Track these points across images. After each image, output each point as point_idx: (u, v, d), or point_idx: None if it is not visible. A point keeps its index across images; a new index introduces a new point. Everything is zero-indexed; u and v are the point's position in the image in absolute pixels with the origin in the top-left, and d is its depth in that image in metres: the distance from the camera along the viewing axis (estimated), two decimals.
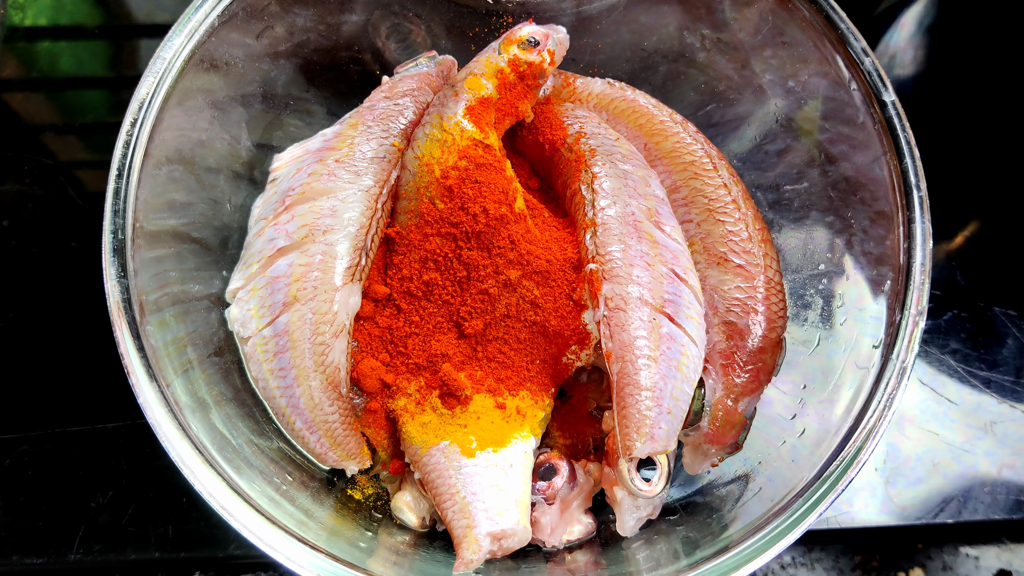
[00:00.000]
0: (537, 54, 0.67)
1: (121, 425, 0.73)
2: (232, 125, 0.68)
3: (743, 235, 0.66)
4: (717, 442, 0.64)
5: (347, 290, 0.62)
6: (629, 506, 0.61)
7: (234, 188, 0.68)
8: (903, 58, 0.90)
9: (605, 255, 0.63)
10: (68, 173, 0.84)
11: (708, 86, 0.74)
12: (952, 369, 0.78)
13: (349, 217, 0.62)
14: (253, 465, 0.57)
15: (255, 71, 0.68)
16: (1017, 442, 0.75)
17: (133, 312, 0.55)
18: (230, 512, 0.51)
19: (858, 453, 0.54)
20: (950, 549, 0.73)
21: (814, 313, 0.67)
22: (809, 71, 0.66)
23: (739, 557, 0.52)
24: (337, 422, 0.61)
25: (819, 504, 0.52)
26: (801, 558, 0.72)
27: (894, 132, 0.60)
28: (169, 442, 0.52)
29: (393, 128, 0.67)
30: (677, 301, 0.62)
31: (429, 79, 0.71)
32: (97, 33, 0.90)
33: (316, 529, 0.54)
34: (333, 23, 0.72)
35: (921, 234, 0.58)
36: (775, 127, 0.71)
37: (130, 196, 0.57)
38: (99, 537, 0.69)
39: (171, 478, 0.51)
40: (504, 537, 0.57)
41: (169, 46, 0.60)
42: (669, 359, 0.60)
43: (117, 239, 0.56)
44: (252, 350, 0.62)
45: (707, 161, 0.69)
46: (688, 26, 0.72)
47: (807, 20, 0.64)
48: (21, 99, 0.87)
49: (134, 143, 0.58)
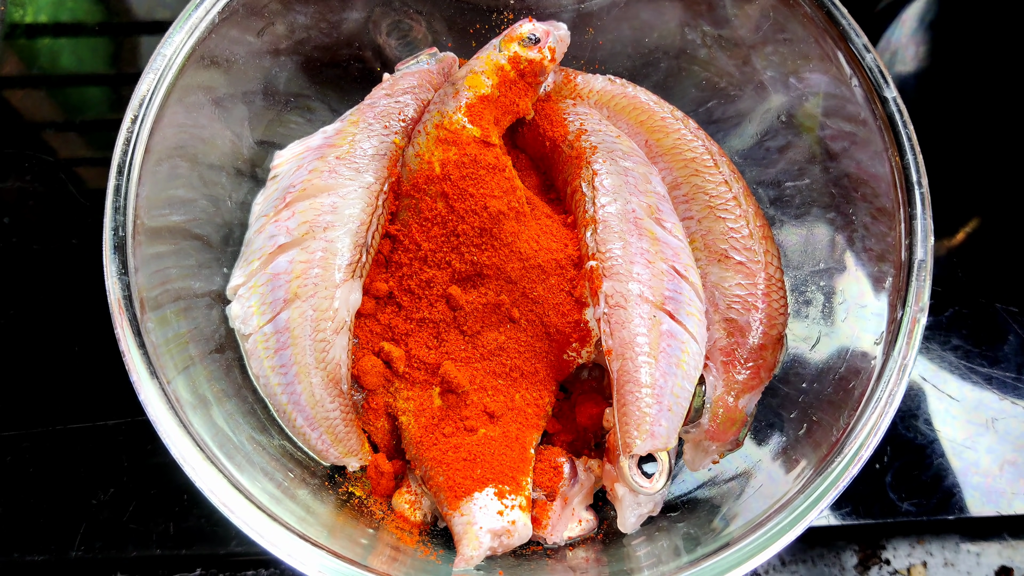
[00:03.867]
0: (538, 51, 0.67)
1: (122, 422, 0.73)
2: (233, 122, 0.68)
3: (744, 232, 0.66)
4: (718, 439, 0.64)
5: (348, 287, 0.62)
6: (630, 503, 0.61)
7: (235, 185, 0.68)
8: (904, 54, 0.90)
9: (605, 252, 0.63)
10: (69, 170, 0.84)
11: (709, 83, 0.74)
12: (953, 365, 0.78)
13: (350, 214, 0.62)
14: (254, 462, 0.57)
15: (256, 68, 0.68)
16: (1018, 438, 0.75)
17: (134, 309, 0.55)
18: (231, 509, 0.51)
19: (859, 449, 0.54)
20: (951, 545, 0.73)
21: (815, 310, 0.67)
22: (810, 68, 0.66)
23: (740, 554, 0.52)
24: (338, 419, 0.61)
25: (820, 501, 0.52)
26: (802, 554, 0.72)
27: (895, 128, 0.60)
28: (170, 439, 0.52)
29: (394, 125, 0.67)
30: (678, 298, 0.62)
31: (430, 76, 0.71)
32: (98, 30, 0.90)
33: (317, 526, 0.54)
34: (334, 20, 0.72)
35: (922, 230, 0.58)
36: (776, 124, 0.71)
37: (131, 193, 0.57)
38: (100, 534, 0.69)
39: (172, 475, 0.51)
40: (505, 534, 0.57)
41: (170, 43, 0.60)
42: (669, 356, 0.60)
43: (118, 236, 0.56)
44: (253, 347, 0.62)
45: (708, 158, 0.68)
46: (689, 22, 0.72)
47: (808, 16, 0.64)
48: (22, 96, 0.87)
49: (135, 140, 0.58)
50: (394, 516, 0.62)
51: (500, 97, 0.67)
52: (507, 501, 0.58)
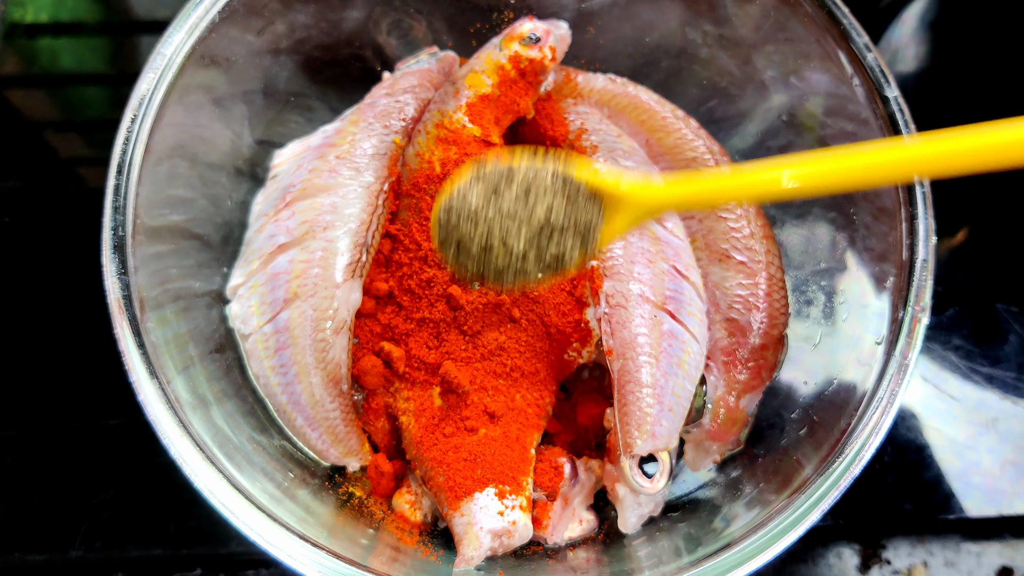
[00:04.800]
0: (538, 50, 0.67)
1: (122, 422, 0.72)
2: (233, 121, 0.68)
3: (745, 231, 0.66)
4: (719, 439, 0.64)
5: (348, 287, 0.61)
6: (631, 503, 0.61)
7: (235, 184, 0.68)
8: (906, 54, 0.90)
9: (606, 252, 0.63)
10: (69, 169, 0.84)
11: (710, 82, 0.74)
12: (954, 365, 0.78)
13: (350, 213, 0.62)
14: (254, 462, 0.56)
15: (256, 67, 0.68)
16: (1020, 438, 0.75)
17: (133, 309, 0.54)
18: (231, 509, 0.51)
19: (860, 450, 0.53)
20: (952, 545, 0.72)
21: (816, 309, 0.67)
22: (811, 67, 0.66)
23: (741, 554, 0.52)
24: (338, 419, 0.61)
25: (821, 501, 0.52)
26: (803, 554, 0.72)
27: (897, 128, 0.60)
28: (170, 439, 0.52)
29: (394, 125, 0.67)
30: (679, 298, 0.62)
31: (430, 75, 0.71)
32: (98, 29, 0.90)
33: (317, 526, 0.54)
34: (334, 19, 0.72)
35: (924, 230, 0.58)
36: (777, 123, 0.71)
37: (130, 192, 0.57)
38: (100, 534, 0.69)
39: (172, 475, 0.51)
40: (505, 534, 0.57)
41: (169, 42, 0.60)
42: (670, 356, 0.60)
43: (117, 236, 0.56)
44: (253, 347, 0.61)
45: (709, 157, 0.68)
46: (690, 22, 0.72)
47: (809, 16, 0.64)
48: (22, 96, 0.87)
49: (134, 139, 0.58)
50: (394, 516, 0.62)
51: (501, 96, 0.67)
52: (508, 501, 0.58)
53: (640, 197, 0.50)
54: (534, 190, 0.49)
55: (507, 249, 0.49)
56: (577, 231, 0.50)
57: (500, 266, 0.50)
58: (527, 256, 0.49)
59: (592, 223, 0.50)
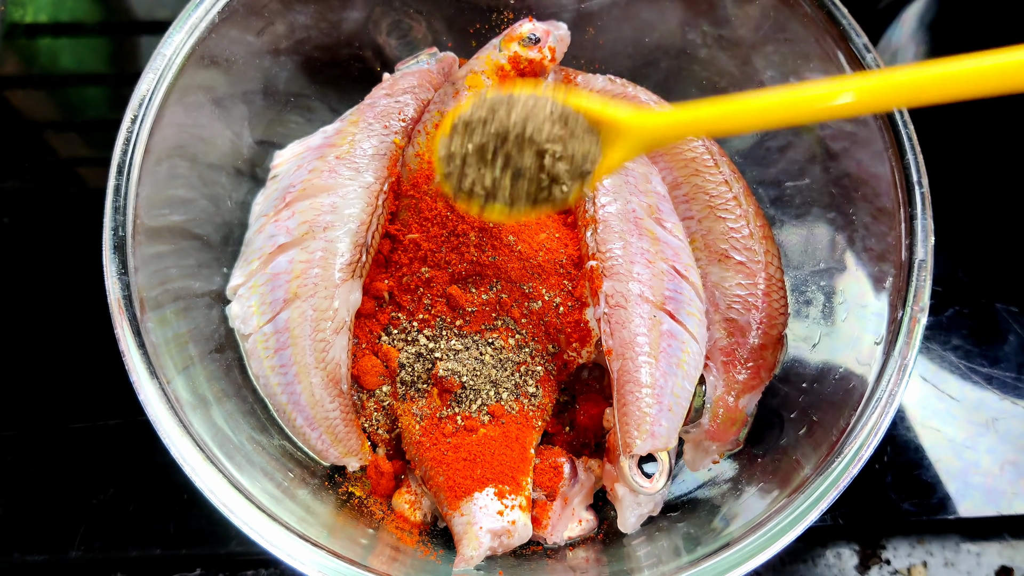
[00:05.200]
0: (538, 51, 0.67)
1: (122, 422, 0.73)
2: (233, 121, 0.68)
3: (744, 232, 0.66)
4: (718, 439, 0.64)
5: (348, 287, 0.62)
6: (630, 503, 0.61)
7: (235, 184, 0.68)
8: (905, 55, 0.90)
9: (606, 252, 0.63)
10: (69, 170, 0.84)
11: (709, 82, 0.74)
12: (954, 365, 0.78)
13: (350, 214, 0.62)
14: (254, 462, 0.57)
15: (256, 68, 0.68)
16: (1019, 438, 0.75)
17: (134, 309, 0.55)
18: (231, 509, 0.51)
19: (860, 450, 0.54)
20: (952, 545, 0.73)
21: (815, 310, 0.67)
22: (811, 67, 0.66)
23: (740, 554, 0.52)
24: (338, 419, 0.61)
25: (820, 501, 0.52)
26: (802, 554, 0.72)
27: (896, 128, 0.60)
28: (170, 439, 0.52)
29: (394, 125, 0.67)
30: (678, 298, 0.62)
31: (430, 76, 0.71)
32: (97, 30, 0.90)
33: (317, 526, 0.54)
34: (334, 20, 0.72)
35: (923, 230, 0.58)
36: None
37: (130, 193, 0.57)
38: (100, 534, 0.69)
39: (172, 475, 0.51)
40: (505, 534, 0.57)
41: (169, 43, 0.60)
42: (670, 356, 0.60)
43: (117, 236, 0.56)
44: (253, 347, 0.62)
45: (708, 158, 0.68)
46: (689, 22, 0.72)
47: (809, 16, 0.64)
48: (22, 96, 0.87)
49: (134, 140, 0.58)
50: (394, 516, 0.62)
51: None
52: (507, 501, 0.58)
53: (639, 127, 0.51)
54: (533, 119, 0.49)
55: (507, 163, 0.50)
56: (575, 160, 0.50)
57: (500, 185, 0.51)
58: (526, 177, 0.50)
59: (590, 153, 0.51)
